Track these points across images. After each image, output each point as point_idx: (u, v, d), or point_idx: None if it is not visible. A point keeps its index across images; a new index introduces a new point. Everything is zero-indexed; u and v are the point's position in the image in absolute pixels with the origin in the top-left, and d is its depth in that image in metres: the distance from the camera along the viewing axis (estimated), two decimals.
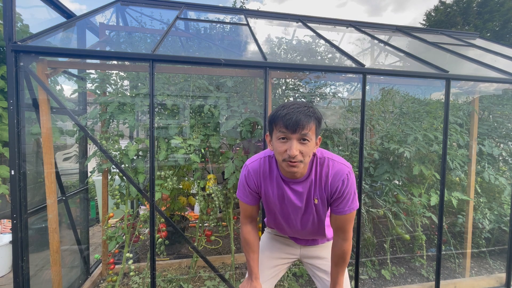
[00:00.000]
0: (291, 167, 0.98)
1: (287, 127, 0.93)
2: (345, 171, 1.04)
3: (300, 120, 0.92)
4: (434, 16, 12.08)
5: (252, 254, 1.22)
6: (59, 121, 2.15)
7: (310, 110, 0.96)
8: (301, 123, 0.92)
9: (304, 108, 0.96)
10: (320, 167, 1.07)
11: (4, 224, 2.63)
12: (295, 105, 0.96)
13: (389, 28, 3.31)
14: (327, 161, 1.06)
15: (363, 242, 2.53)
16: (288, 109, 0.95)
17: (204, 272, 2.37)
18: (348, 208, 1.06)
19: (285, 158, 0.97)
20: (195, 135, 1.99)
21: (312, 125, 0.95)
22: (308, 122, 0.94)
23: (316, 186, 1.08)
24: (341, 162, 1.06)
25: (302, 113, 0.94)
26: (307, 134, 0.94)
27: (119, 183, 2.06)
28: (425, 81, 2.36)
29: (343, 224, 1.09)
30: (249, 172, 1.15)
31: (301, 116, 0.93)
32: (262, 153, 1.18)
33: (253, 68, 1.87)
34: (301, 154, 0.96)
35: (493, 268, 2.60)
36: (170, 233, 2.45)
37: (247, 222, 1.24)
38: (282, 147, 0.97)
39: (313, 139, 0.98)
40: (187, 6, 2.79)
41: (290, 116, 0.93)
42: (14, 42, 1.48)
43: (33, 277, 1.65)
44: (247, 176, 1.15)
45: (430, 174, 2.30)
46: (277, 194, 1.14)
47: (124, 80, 2.20)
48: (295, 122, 0.92)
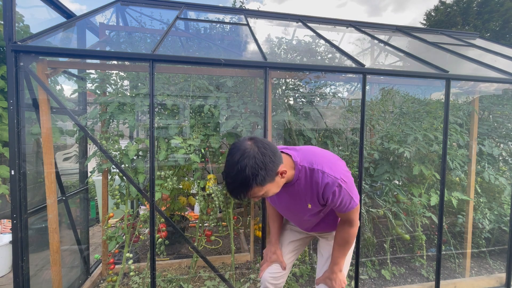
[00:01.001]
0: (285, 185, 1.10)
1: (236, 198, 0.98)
2: (335, 184, 1.02)
3: (238, 194, 0.95)
4: (434, 16, 12.09)
5: (272, 223, 1.41)
6: (59, 121, 2.15)
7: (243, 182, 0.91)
8: (240, 195, 0.95)
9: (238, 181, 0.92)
10: (310, 178, 1.07)
11: (4, 224, 2.63)
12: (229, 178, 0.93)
13: (389, 28, 3.31)
14: (316, 172, 1.05)
15: (363, 242, 2.53)
16: (226, 185, 0.96)
17: (204, 272, 2.37)
18: (346, 209, 1.09)
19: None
20: (195, 135, 1.99)
21: (254, 188, 0.93)
22: (247, 190, 0.93)
23: (307, 193, 1.10)
24: (331, 174, 1.03)
25: (236, 189, 0.94)
26: (252, 196, 0.97)
27: (119, 183, 2.06)
28: (425, 81, 2.36)
29: (347, 218, 1.15)
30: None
31: (237, 192, 0.94)
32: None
33: (253, 68, 1.87)
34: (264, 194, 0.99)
35: (493, 268, 2.60)
36: (170, 233, 2.45)
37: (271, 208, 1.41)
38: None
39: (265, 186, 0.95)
40: (187, 6, 2.79)
41: (230, 191, 0.96)
42: (14, 42, 1.48)
43: (33, 277, 1.65)
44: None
45: (430, 174, 2.30)
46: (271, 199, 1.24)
47: (124, 80, 2.20)
48: (236, 196, 0.96)
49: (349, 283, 2.21)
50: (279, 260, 1.35)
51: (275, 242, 1.38)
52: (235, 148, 0.96)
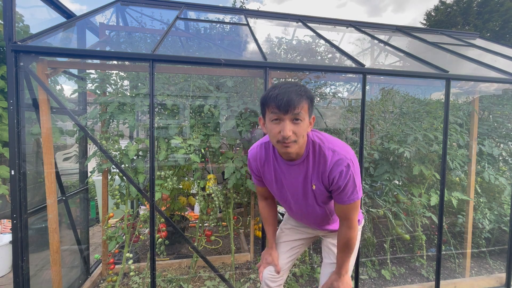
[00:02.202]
0: (285, 148, 0.98)
1: (279, 108, 0.92)
2: (344, 163, 0.99)
3: (291, 100, 0.91)
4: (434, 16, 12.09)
5: (267, 227, 1.37)
6: (59, 121, 2.15)
7: (301, 89, 0.94)
8: (293, 103, 0.91)
9: (296, 87, 0.94)
10: (319, 155, 1.04)
11: (4, 224, 2.63)
12: (286, 85, 0.95)
13: (389, 28, 3.31)
14: (327, 150, 1.03)
15: (363, 242, 2.53)
16: (279, 89, 0.94)
17: (204, 272, 2.37)
18: (348, 199, 1.04)
19: (279, 140, 0.97)
20: (195, 135, 1.99)
21: (305, 104, 0.94)
22: (300, 101, 0.92)
23: (313, 172, 1.07)
24: (342, 153, 1.01)
25: (293, 93, 0.92)
26: (299, 113, 0.93)
27: (119, 183, 2.06)
28: (425, 81, 2.36)
29: (346, 212, 1.08)
30: (249, 160, 1.23)
31: (293, 95, 0.91)
32: (260, 140, 1.23)
33: (253, 68, 1.87)
34: (295, 134, 0.95)
35: (493, 268, 2.60)
36: (170, 233, 2.45)
37: (262, 199, 1.37)
38: (275, 128, 0.96)
39: (306, 118, 0.97)
40: (187, 6, 2.79)
41: (281, 96, 0.91)
42: (14, 42, 1.48)
43: (33, 277, 1.65)
44: (249, 164, 1.24)
45: (430, 174, 2.30)
46: (275, 178, 1.16)
47: (124, 80, 2.20)
48: (286, 102, 0.91)
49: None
50: (274, 263, 1.34)
51: (272, 245, 1.37)
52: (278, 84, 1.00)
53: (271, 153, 1.14)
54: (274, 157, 1.13)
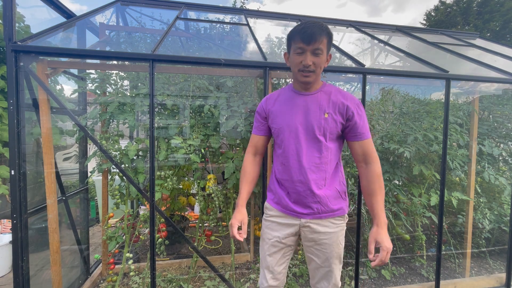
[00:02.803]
0: (305, 77, 1.14)
1: (302, 40, 1.08)
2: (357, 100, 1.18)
3: (314, 33, 1.06)
4: (434, 16, 12.09)
5: (245, 184, 1.28)
6: (59, 121, 2.15)
7: (323, 26, 1.09)
8: (315, 36, 1.07)
9: (318, 24, 1.09)
10: (334, 90, 1.20)
11: (4, 224, 2.63)
12: (310, 22, 1.10)
13: (389, 28, 3.31)
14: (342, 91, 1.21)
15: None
16: (304, 24, 1.09)
17: (204, 272, 2.37)
18: (367, 131, 1.16)
19: (300, 68, 1.13)
20: (195, 135, 1.99)
21: (324, 39, 1.09)
22: (321, 35, 1.07)
23: (329, 102, 1.17)
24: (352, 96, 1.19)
25: (316, 27, 1.07)
26: (319, 47, 1.08)
27: (119, 183, 2.06)
28: (425, 81, 2.36)
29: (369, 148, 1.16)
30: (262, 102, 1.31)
31: (315, 29, 1.07)
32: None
33: (253, 68, 1.87)
34: (314, 64, 1.11)
35: (493, 268, 2.60)
36: (170, 233, 2.45)
37: (251, 153, 1.34)
38: (298, 59, 1.12)
39: (325, 52, 1.12)
40: (187, 6, 2.79)
41: (305, 30, 1.07)
42: (14, 42, 1.48)
43: (33, 277, 1.65)
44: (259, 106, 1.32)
45: (430, 174, 2.30)
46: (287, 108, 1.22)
47: (124, 80, 2.20)
48: (310, 35, 1.07)
49: (349, 283, 2.21)
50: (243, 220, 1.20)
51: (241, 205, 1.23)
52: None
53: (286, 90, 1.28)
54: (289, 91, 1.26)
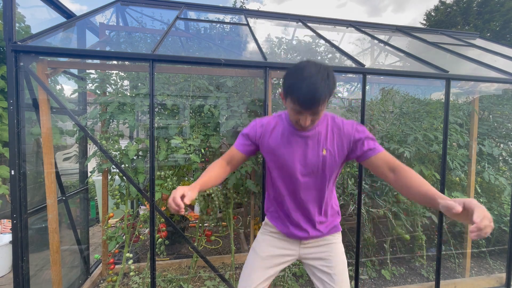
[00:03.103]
0: (302, 130, 1.07)
1: (301, 106, 0.94)
2: (355, 123, 1.12)
3: (315, 98, 0.90)
4: (434, 16, 12.09)
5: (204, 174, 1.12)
6: (59, 121, 2.15)
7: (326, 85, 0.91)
8: (316, 101, 0.91)
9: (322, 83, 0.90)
10: (332, 123, 1.12)
11: (4, 224, 2.63)
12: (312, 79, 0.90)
13: (389, 28, 3.31)
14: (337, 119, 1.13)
15: (363, 242, 2.53)
16: (305, 84, 0.90)
17: (204, 272, 2.37)
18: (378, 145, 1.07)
19: (297, 122, 1.03)
20: (195, 135, 1.99)
21: (326, 100, 0.94)
22: (324, 100, 0.93)
23: (327, 136, 1.10)
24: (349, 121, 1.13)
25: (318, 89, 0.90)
26: (319, 109, 0.96)
27: (119, 183, 2.06)
28: (425, 81, 2.36)
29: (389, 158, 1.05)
30: (255, 125, 1.18)
31: (317, 93, 0.90)
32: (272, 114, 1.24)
33: (253, 68, 1.87)
34: (313, 122, 1.02)
35: (493, 268, 2.60)
36: (170, 233, 2.45)
37: (224, 160, 1.19)
38: (295, 117, 1.01)
39: (324, 108, 0.99)
40: (187, 6, 2.79)
41: (306, 96, 0.90)
42: (14, 42, 1.48)
43: (33, 277, 1.65)
44: (252, 127, 1.18)
45: (430, 174, 2.30)
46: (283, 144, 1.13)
47: (124, 80, 2.20)
48: (310, 100, 0.91)
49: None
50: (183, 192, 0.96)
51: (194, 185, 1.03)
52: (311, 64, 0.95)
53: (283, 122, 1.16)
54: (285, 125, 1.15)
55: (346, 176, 2.25)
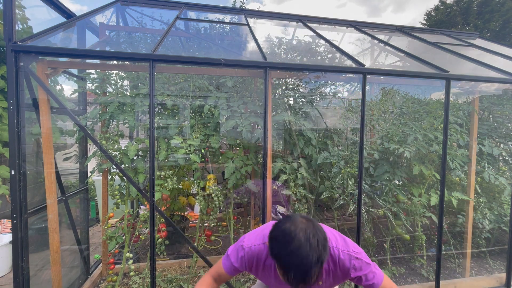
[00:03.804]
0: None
1: (291, 284, 0.85)
2: (352, 256, 1.03)
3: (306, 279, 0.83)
4: (434, 16, 12.08)
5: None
6: (59, 121, 2.15)
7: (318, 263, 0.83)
8: (307, 281, 0.83)
9: (313, 259, 0.82)
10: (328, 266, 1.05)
11: (4, 224, 2.63)
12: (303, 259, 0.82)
13: (389, 28, 3.31)
14: (332, 250, 1.04)
15: (363, 242, 2.52)
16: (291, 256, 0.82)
17: (204, 272, 2.37)
18: (377, 277, 1.05)
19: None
20: (195, 135, 1.99)
21: (318, 271, 0.85)
22: (315, 273, 0.84)
23: (321, 272, 1.04)
24: (344, 251, 1.04)
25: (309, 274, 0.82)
26: (313, 282, 0.86)
27: (119, 183, 2.06)
28: (425, 81, 2.36)
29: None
30: (244, 258, 1.07)
31: (307, 277, 0.82)
32: (261, 236, 1.10)
33: (253, 68, 1.87)
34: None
35: (493, 268, 2.60)
36: (170, 233, 2.45)
37: (213, 277, 1.15)
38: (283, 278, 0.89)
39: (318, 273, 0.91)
40: (187, 6, 2.79)
41: (295, 273, 0.82)
42: (14, 42, 1.48)
43: (33, 277, 1.65)
44: (241, 259, 1.08)
45: (430, 174, 2.30)
46: (274, 278, 1.08)
47: (124, 80, 2.20)
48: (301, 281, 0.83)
49: (349, 283, 2.21)
50: None
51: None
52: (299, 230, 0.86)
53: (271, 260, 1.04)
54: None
55: (346, 176, 2.25)
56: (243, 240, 1.10)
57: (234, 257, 1.09)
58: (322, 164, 2.31)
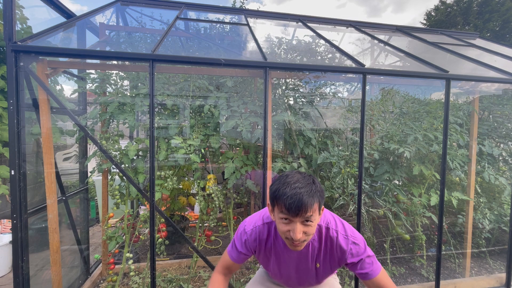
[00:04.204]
0: (295, 247, 0.97)
1: (289, 210, 0.89)
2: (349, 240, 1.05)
3: (303, 204, 0.88)
4: (434, 16, 12.09)
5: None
6: (59, 121, 2.15)
7: (312, 189, 0.91)
8: (304, 207, 0.88)
9: (307, 187, 0.90)
10: (326, 236, 1.07)
11: (4, 224, 2.63)
12: (297, 184, 0.91)
13: (389, 28, 3.31)
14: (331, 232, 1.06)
15: None
16: (290, 188, 0.90)
17: (204, 272, 2.37)
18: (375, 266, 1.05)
19: (287, 237, 0.95)
20: (195, 135, 1.99)
21: (315, 205, 0.90)
22: (312, 204, 0.89)
23: (320, 252, 1.07)
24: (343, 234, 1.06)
25: (305, 194, 0.88)
26: (311, 216, 0.90)
27: (119, 183, 2.06)
28: (425, 81, 2.36)
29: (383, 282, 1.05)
30: (247, 240, 1.11)
31: (304, 197, 0.88)
32: (261, 217, 1.14)
33: (253, 68, 1.87)
34: (305, 234, 0.94)
35: (493, 268, 2.60)
36: (170, 233, 2.45)
37: (221, 273, 1.19)
38: (285, 227, 0.94)
39: (317, 216, 0.94)
40: (187, 6, 2.79)
41: (292, 199, 0.88)
42: (14, 42, 1.48)
43: (33, 277, 1.65)
44: (244, 243, 1.12)
45: (430, 174, 2.30)
46: (276, 259, 1.12)
47: (124, 80, 2.20)
48: (297, 206, 0.88)
49: (349, 283, 2.21)
50: None
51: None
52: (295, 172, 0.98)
53: (273, 233, 1.10)
54: (276, 238, 1.10)
55: (346, 176, 2.25)
56: (244, 225, 1.15)
57: (239, 243, 1.13)
58: (322, 164, 2.31)
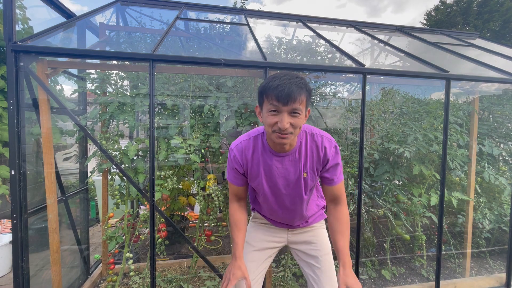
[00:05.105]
0: (281, 139, 0.99)
1: (278, 100, 0.93)
2: (332, 145, 1.12)
3: (292, 93, 0.91)
4: (434, 16, 12.09)
5: (238, 232, 1.20)
6: (59, 121, 2.15)
7: (301, 82, 0.95)
8: (293, 96, 0.92)
9: (296, 79, 0.94)
10: (311, 141, 1.11)
11: (4, 224, 2.63)
12: (286, 76, 0.95)
13: (389, 28, 3.31)
14: (316, 136, 1.12)
15: (363, 242, 2.53)
16: (279, 80, 0.94)
17: (204, 272, 2.37)
18: (340, 176, 1.15)
19: (275, 130, 0.97)
20: (195, 135, 1.99)
21: (303, 98, 0.95)
22: (300, 94, 0.93)
23: (307, 158, 1.11)
24: (328, 137, 1.13)
25: (294, 85, 0.93)
26: (298, 107, 0.94)
27: (119, 183, 2.06)
28: (425, 81, 2.36)
29: (341, 191, 1.16)
30: (235, 155, 1.15)
31: (293, 87, 0.92)
32: (246, 134, 1.18)
33: (253, 68, 1.87)
34: (292, 126, 0.96)
35: (493, 268, 2.60)
36: (170, 233, 2.45)
37: (235, 200, 1.26)
38: (273, 119, 0.96)
39: (304, 111, 0.98)
40: (187, 6, 2.79)
41: (282, 88, 0.92)
42: (14, 42, 1.48)
43: (33, 277, 1.65)
44: (234, 160, 1.16)
45: (430, 174, 2.30)
46: (264, 171, 1.13)
47: (124, 80, 2.20)
48: (287, 94, 0.91)
49: None
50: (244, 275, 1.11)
51: (240, 256, 1.16)
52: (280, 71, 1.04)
53: (260, 145, 1.13)
54: (263, 149, 1.12)
55: (346, 176, 2.24)
56: (231, 145, 1.19)
57: (230, 162, 1.18)
58: None
